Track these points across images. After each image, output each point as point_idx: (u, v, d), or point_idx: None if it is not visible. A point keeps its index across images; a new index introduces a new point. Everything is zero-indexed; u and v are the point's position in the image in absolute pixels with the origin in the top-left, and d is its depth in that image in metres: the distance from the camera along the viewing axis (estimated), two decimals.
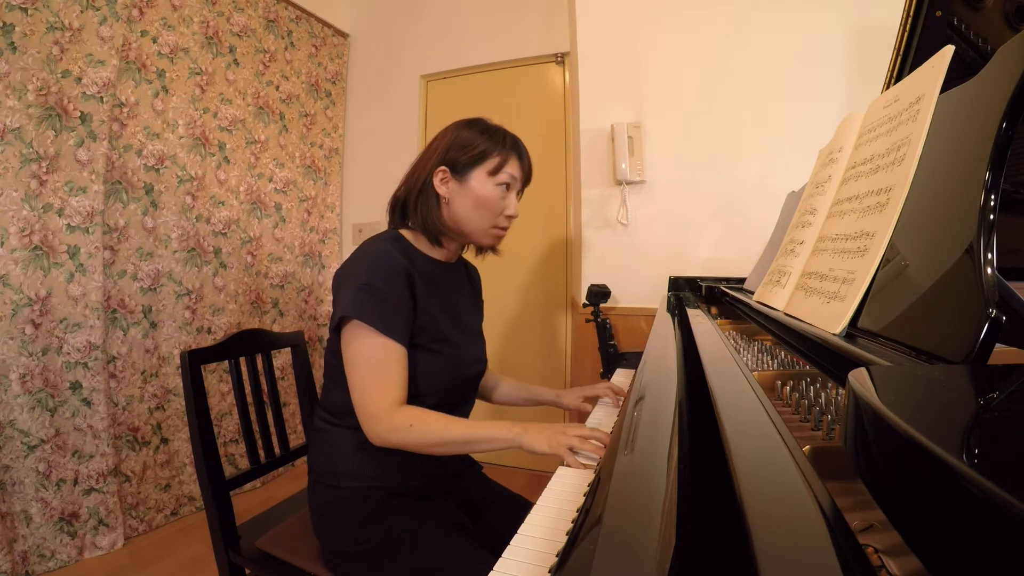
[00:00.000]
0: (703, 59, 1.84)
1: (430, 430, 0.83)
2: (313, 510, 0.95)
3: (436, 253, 1.00)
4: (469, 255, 1.13)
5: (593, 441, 0.78)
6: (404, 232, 0.99)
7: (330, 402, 0.97)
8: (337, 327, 0.89)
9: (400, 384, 0.86)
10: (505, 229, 0.99)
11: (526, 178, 1.00)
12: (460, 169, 0.93)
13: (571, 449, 0.77)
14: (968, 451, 0.17)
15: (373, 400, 0.84)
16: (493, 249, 1.06)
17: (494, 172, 0.93)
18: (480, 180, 0.93)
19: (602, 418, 1.02)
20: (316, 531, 0.95)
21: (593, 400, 1.13)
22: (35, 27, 1.60)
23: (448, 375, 0.95)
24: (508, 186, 0.95)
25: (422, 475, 0.94)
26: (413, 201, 0.96)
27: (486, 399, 1.22)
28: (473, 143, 0.93)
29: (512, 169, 0.95)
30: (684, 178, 1.88)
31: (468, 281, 1.13)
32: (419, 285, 0.90)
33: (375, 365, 0.84)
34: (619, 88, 1.94)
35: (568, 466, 0.75)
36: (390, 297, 0.86)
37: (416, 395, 0.91)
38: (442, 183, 0.94)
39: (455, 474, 1.04)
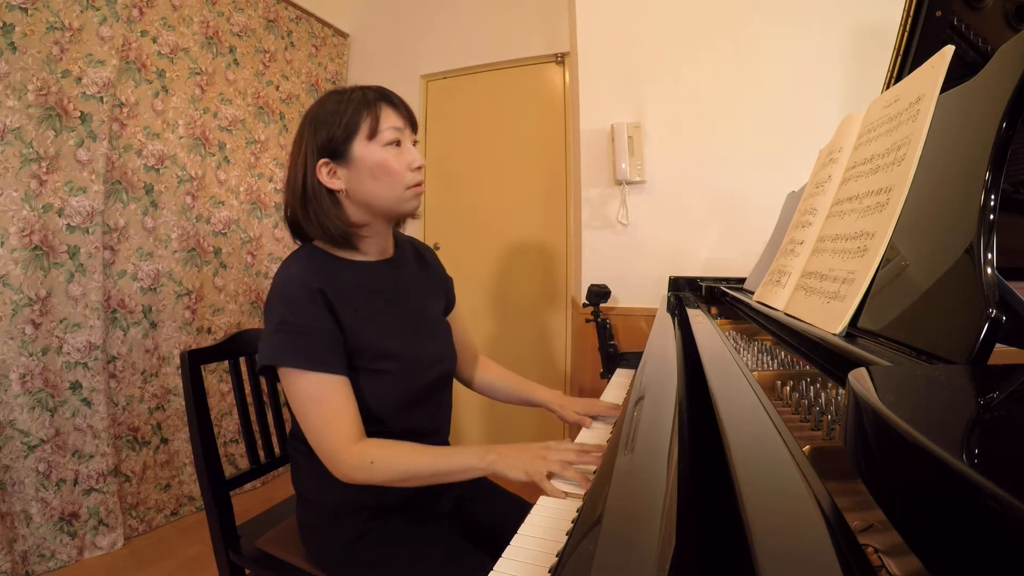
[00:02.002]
0: (703, 59, 1.84)
1: (393, 465, 0.77)
2: (301, 526, 0.93)
3: (361, 255, 0.89)
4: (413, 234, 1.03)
5: (577, 466, 0.73)
6: (319, 243, 0.88)
7: (298, 432, 0.90)
8: (267, 370, 0.82)
9: (348, 418, 0.79)
10: (420, 183, 0.87)
11: (410, 124, 0.88)
12: (339, 152, 0.82)
13: (551, 475, 0.72)
14: (968, 451, 0.17)
15: (325, 441, 0.78)
16: (413, 215, 0.93)
17: (372, 135, 0.82)
18: (364, 150, 0.82)
19: (592, 436, 0.94)
20: (305, 545, 0.93)
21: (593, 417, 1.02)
22: (35, 27, 1.60)
23: (403, 392, 0.87)
24: (398, 142, 0.84)
25: (410, 490, 0.88)
26: (303, 214, 0.84)
27: (467, 386, 1.14)
28: (335, 119, 0.82)
29: (390, 122, 0.83)
30: (684, 178, 1.88)
31: (418, 267, 1.01)
32: (341, 303, 0.81)
33: (315, 406, 0.78)
34: (619, 88, 1.94)
35: (548, 495, 0.69)
36: (307, 328, 0.78)
37: (374, 422, 0.84)
38: (330, 176, 0.83)
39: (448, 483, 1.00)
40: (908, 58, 0.87)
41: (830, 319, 0.50)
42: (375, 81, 0.88)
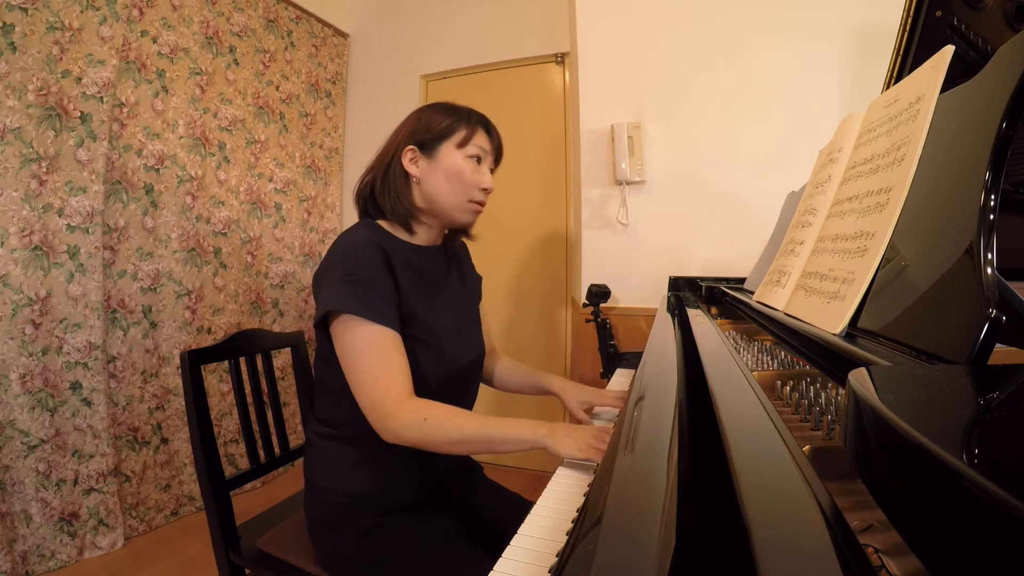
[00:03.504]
0: (703, 59, 1.84)
1: (447, 426, 0.77)
2: (309, 520, 0.94)
3: (414, 239, 0.96)
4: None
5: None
6: (379, 221, 0.95)
7: (322, 414, 0.94)
8: (324, 326, 0.85)
9: (404, 373, 0.81)
10: (482, 204, 0.95)
11: (497, 153, 0.97)
12: (428, 146, 0.91)
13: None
14: (968, 451, 0.17)
15: (378, 393, 0.78)
16: (466, 233, 1.04)
17: (462, 144, 0.91)
18: (449, 153, 0.91)
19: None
20: (312, 540, 0.93)
21: (591, 410, 1.06)
22: (35, 27, 1.60)
23: (445, 367, 0.91)
24: (479, 159, 0.93)
25: (420, 488, 0.91)
26: (380, 186, 0.93)
27: (487, 383, 1.17)
28: (438, 120, 0.92)
29: (480, 141, 0.93)
30: (684, 178, 1.88)
31: (456, 260, 1.07)
32: (400, 271, 0.87)
33: (373, 356, 0.80)
34: (619, 88, 1.94)
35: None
36: (374, 283, 0.82)
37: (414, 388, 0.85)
38: (412, 162, 0.92)
39: (454, 482, 1.00)
40: (908, 58, 0.87)
41: (830, 319, 0.50)
42: (375, 81, 0.91)
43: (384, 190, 0.93)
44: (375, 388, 0.79)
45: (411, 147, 0.92)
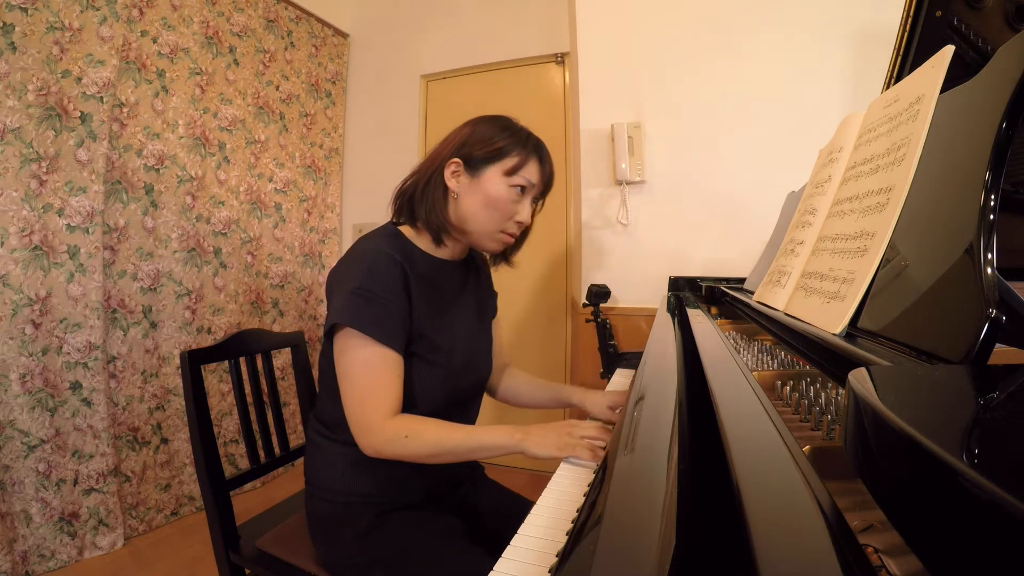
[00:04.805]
0: (703, 59, 1.84)
1: (426, 441, 0.79)
2: (309, 519, 0.94)
3: (439, 251, 0.94)
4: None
5: (602, 443, 0.76)
6: (404, 228, 0.93)
7: (324, 414, 0.93)
8: (330, 333, 0.85)
9: (395, 394, 0.82)
10: (513, 236, 0.92)
11: (545, 186, 0.93)
12: (475, 164, 0.87)
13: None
14: (968, 451, 0.17)
15: (365, 412, 0.80)
16: (507, 260, 1.01)
17: (511, 172, 0.87)
18: (494, 178, 0.87)
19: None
20: (312, 540, 0.94)
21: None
22: (35, 27, 1.60)
23: (444, 386, 0.90)
24: (523, 189, 0.89)
25: (420, 489, 0.92)
26: (420, 192, 0.90)
27: (490, 395, 1.15)
28: (492, 139, 0.87)
29: (530, 173, 0.89)
30: (684, 178, 1.88)
31: (476, 276, 1.05)
32: (416, 288, 0.85)
33: (369, 375, 0.80)
34: (619, 88, 1.94)
35: (584, 460, 0.75)
36: (386, 302, 0.81)
37: (411, 405, 0.87)
38: (453, 176, 0.88)
39: (454, 482, 1.00)
40: (908, 58, 0.87)
41: (830, 319, 0.50)
42: (375, 81, 0.90)
43: (422, 198, 0.89)
44: (363, 405, 0.80)
45: (456, 160, 0.88)
